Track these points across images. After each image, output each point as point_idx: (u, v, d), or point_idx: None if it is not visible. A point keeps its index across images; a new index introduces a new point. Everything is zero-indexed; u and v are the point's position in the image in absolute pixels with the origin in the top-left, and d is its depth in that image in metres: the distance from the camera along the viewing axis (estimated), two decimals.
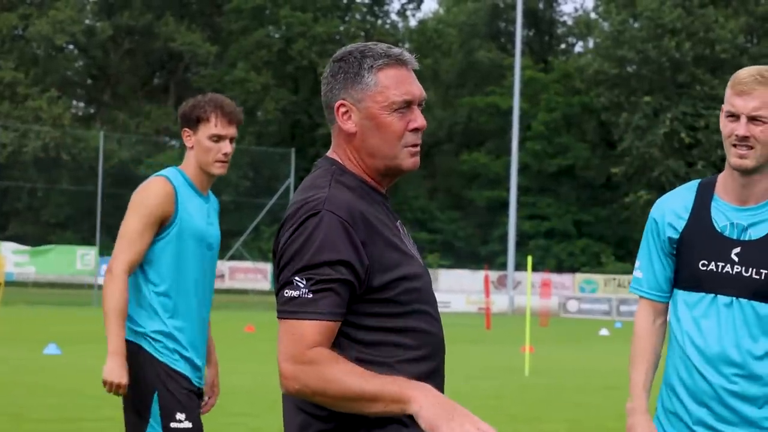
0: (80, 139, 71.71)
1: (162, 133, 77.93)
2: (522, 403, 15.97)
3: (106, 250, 61.51)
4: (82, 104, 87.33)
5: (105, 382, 5.54)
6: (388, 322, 3.13)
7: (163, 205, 5.65)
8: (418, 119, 3.24)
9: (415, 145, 3.25)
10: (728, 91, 4.07)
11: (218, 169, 5.73)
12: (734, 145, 4.02)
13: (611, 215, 71.28)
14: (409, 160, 3.25)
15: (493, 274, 58.35)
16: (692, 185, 4.22)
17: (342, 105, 3.22)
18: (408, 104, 3.22)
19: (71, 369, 19.20)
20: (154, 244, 5.64)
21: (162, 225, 5.66)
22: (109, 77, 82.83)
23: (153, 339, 5.58)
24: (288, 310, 3.07)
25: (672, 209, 4.18)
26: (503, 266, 61.76)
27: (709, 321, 4.05)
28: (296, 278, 3.06)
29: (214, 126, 5.70)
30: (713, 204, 4.12)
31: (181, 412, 5.60)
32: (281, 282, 3.10)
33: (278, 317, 3.10)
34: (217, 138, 5.70)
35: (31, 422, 12.66)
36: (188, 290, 5.63)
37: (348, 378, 2.99)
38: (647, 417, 4.15)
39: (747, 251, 4.06)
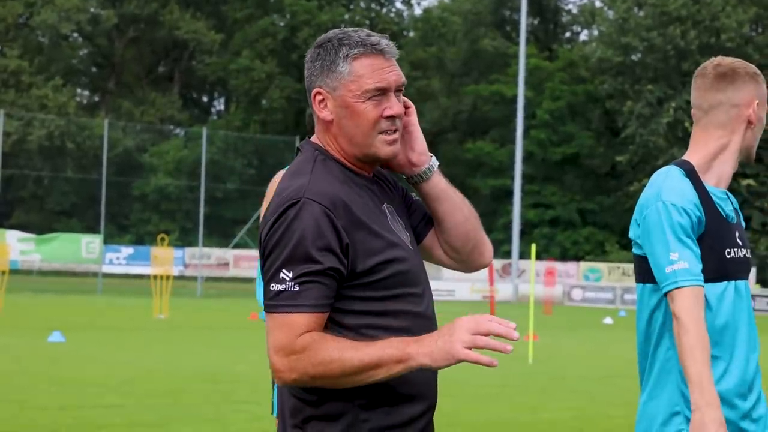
0: (85, 127, 71.76)
1: (166, 121, 77.95)
2: (525, 391, 15.97)
3: (110, 238, 61.67)
4: (86, 92, 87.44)
5: None
6: (374, 305, 3.14)
7: None
8: (394, 106, 3.24)
9: (391, 131, 3.26)
10: None
11: None
12: None
13: (616, 204, 71.23)
14: (386, 147, 3.25)
15: (498, 263, 58.35)
16: (680, 173, 4.04)
17: (318, 93, 3.26)
18: (382, 92, 3.23)
19: (75, 357, 19.22)
20: None
21: None
22: (113, 65, 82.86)
23: None
24: (275, 304, 3.08)
25: (694, 196, 4.01)
26: (507, 255, 61.76)
27: (736, 308, 4.01)
28: (282, 271, 3.07)
29: None
30: (709, 190, 4.05)
31: None
32: (267, 275, 3.11)
33: (266, 311, 3.11)
34: None
35: (35, 410, 12.68)
36: None
37: (345, 354, 3.02)
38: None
39: (740, 233, 4.09)
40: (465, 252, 3.47)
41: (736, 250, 4.04)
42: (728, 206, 4.10)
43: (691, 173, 4.05)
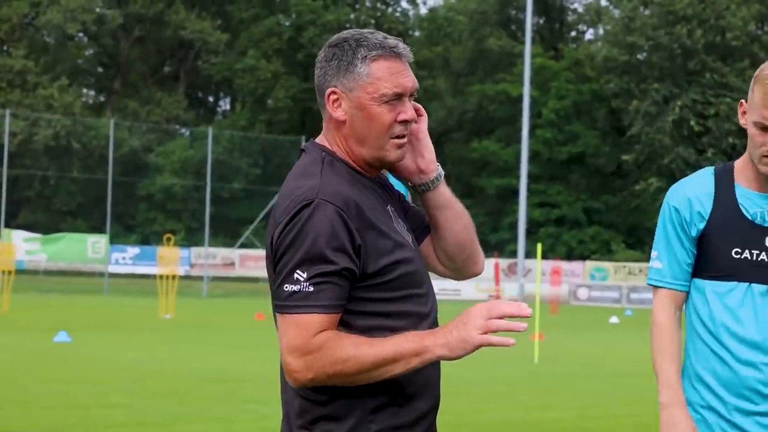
0: (91, 127, 71.81)
1: (172, 121, 77.99)
2: (532, 391, 15.97)
3: (116, 238, 61.72)
4: (92, 92, 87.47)
5: None
6: (382, 307, 3.15)
7: None
8: (408, 111, 3.26)
9: (401, 137, 3.27)
10: (758, 97, 3.87)
11: None
12: (765, 156, 3.90)
13: (622, 203, 71.21)
14: (395, 152, 3.27)
15: (504, 262, 58.33)
16: (707, 172, 4.08)
17: (333, 92, 3.25)
18: (398, 96, 3.24)
19: (81, 357, 19.23)
20: None
21: None
22: (119, 65, 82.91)
23: None
24: (289, 304, 3.07)
25: (696, 196, 4.02)
26: (513, 254, 61.70)
27: (745, 310, 3.95)
28: (297, 272, 3.06)
29: None
30: (737, 191, 4.01)
31: None
32: (281, 276, 3.10)
33: (279, 312, 3.10)
34: None
35: (41, 409, 12.69)
36: None
37: (360, 350, 3.03)
38: (687, 410, 3.97)
39: None
40: (460, 260, 3.49)
41: (756, 252, 3.96)
42: (760, 207, 3.99)
43: (722, 172, 4.07)
